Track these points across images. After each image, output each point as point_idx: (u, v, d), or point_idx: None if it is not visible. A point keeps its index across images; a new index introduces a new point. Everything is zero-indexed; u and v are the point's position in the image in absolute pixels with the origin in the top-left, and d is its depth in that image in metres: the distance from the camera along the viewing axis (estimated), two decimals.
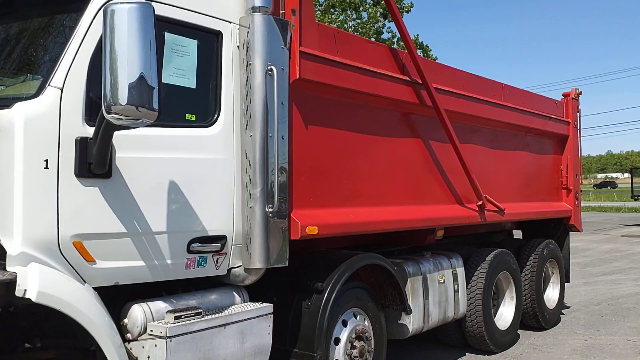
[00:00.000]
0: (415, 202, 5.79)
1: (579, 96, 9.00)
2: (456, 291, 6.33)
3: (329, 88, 4.71)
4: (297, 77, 4.32)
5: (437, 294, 5.99)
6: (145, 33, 3.12)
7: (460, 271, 6.45)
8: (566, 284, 8.96)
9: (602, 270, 13.92)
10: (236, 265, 4.17)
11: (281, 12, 4.30)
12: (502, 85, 7.32)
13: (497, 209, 6.87)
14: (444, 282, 6.13)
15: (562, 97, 8.95)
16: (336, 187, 4.87)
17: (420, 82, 5.61)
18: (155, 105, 3.14)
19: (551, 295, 8.48)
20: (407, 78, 5.56)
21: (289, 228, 4.29)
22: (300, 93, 4.43)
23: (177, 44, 3.89)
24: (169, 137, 3.81)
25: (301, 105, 4.47)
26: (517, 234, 9.32)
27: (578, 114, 8.95)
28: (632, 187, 30.50)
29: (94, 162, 3.40)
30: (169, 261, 3.78)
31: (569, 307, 9.49)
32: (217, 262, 4.05)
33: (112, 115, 3.12)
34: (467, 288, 6.57)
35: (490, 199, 6.66)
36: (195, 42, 3.99)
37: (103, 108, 3.12)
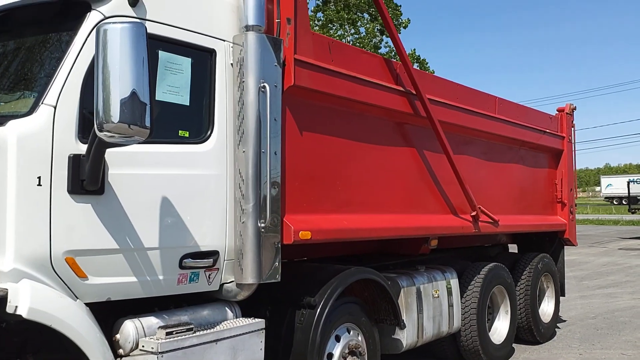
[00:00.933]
0: (409, 211, 5.84)
1: (573, 111, 9.08)
2: (450, 305, 6.35)
3: (323, 96, 4.76)
4: (292, 84, 4.37)
5: (431, 309, 6.00)
6: (137, 52, 3.16)
7: (455, 285, 6.47)
8: (562, 298, 8.97)
9: (598, 284, 13.92)
10: (228, 281, 4.18)
11: (276, 20, 4.36)
12: (496, 98, 7.39)
13: (491, 220, 6.91)
14: (438, 297, 6.14)
15: (557, 112, 9.02)
16: (330, 194, 4.90)
17: (414, 92, 5.68)
18: (147, 123, 3.18)
19: (546, 309, 8.50)
20: (401, 88, 5.63)
21: (282, 233, 4.30)
22: (294, 100, 4.48)
23: (170, 62, 3.94)
24: (162, 153, 3.85)
25: (296, 112, 4.52)
26: (512, 248, 9.35)
27: (572, 129, 9.02)
28: (629, 200, 30.53)
29: (87, 179, 3.43)
30: (161, 277, 3.80)
31: (564, 321, 9.49)
32: (209, 277, 4.07)
33: (105, 132, 3.15)
34: (461, 302, 6.58)
35: (484, 209, 6.70)
36: (189, 60, 4.04)
37: (95, 126, 3.16)
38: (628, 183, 33.55)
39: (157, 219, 3.76)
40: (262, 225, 4.10)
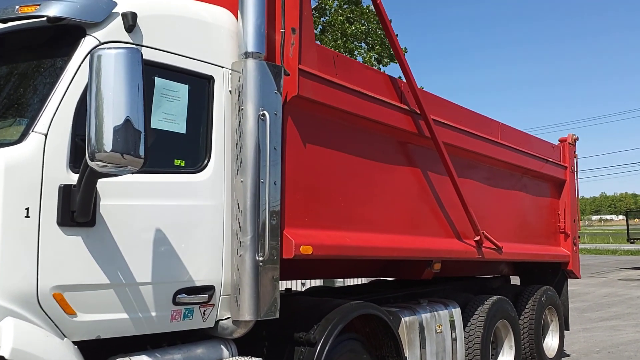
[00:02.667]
0: (412, 233, 5.69)
1: (575, 142, 8.99)
2: (454, 340, 6.14)
3: (327, 109, 4.65)
4: (296, 94, 4.26)
5: (434, 344, 5.80)
6: (132, 79, 3.04)
7: (458, 319, 6.27)
8: (565, 332, 8.76)
9: (600, 316, 13.69)
10: (224, 317, 3.99)
11: (281, 30, 4.26)
12: (499, 124, 7.30)
13: (494, 247, 6.76)
14: (441, 332, 5.94)
15: (559, 142, 8.93)
16: (332, 209, 4.74)
17: (419, 112, 5.59)
18: (141, 153, 3.03)
19: (551, 343, 8.29)
20: (406, 107, 5.53)
21: (282, 247, 4.13)
22: (298, 111, 4.36)
23: (167, 89, 3.81)
24: (157, 183, 3.69)
25: (299, 123, 4.39)
26: (514, 280, 9.16)
27: (575, 159, 8.93)
28: (627, 229, 30.37)
29: (77, 210, 3.26)
30: (153, 313, 3.61)
31: (568, 355, 9.27)
32: (204, 313, 3.88)
33: (97, 162, 3.01)
34: (464, 337, 6.38)
35: (487, 235, 6.56)
36: (186, 86, 3.91)
37: (87, 155, 3.01)
38: (626, 212, 33.40)
39: (150, 252, 3.59)
40: (261, 258, 3.92)
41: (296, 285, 14.34)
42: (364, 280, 15.16)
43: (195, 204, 3.87)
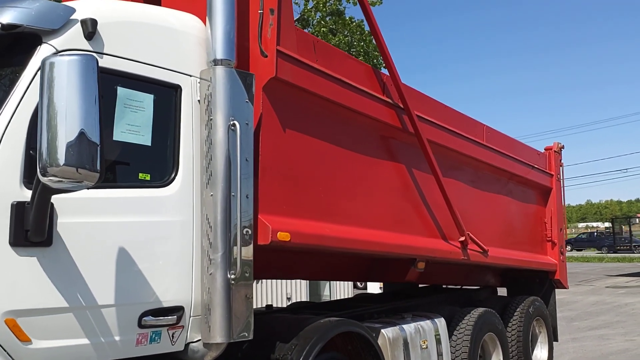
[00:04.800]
0: (396, 229, 5.52)
1: (561, 150, 8.90)
2: (440, 355, 5.94)
3: (308, 95, 4.47)
4: (274, 76, 4.08)
5: None
6: (87, 87, 2.83)
7: (444, 333, 6.08)
8: (554, 343, 8.59)
9: (589, 325, 13.57)
10: (195, 340, 3.77)
11: (259, 11, 4.10)
12: (485, 126, 7.17)
13: (480, 250, 6.60)
14: (426, 347, 5.74)
15: (545, 150, 8.84)
16: (313, 200, 4.55)
17: (402, 106, 5.44)
18: (98, 166, 2.82)
19: (539, 355, 8.11)
20: (389, 100, 5.38)
21: (256, 233, 3.91)
22: (276, 94, 4.19)
23: (131, 99, 3.61)
24: (120, 199, 3.48)
25: (277, 107, 4.21)
26: (501, 292, 9.00)
27: (561, 167, 8.83)
28: (614, 237, 30.42)
29: (31, 229, 3.04)
30: (117, 338, 3.38)
31: None
32: (172, 336, 3.65)
33: (50, 177, 2.80)
34: (451, 352, 6.18)
35: (473, 237, 6.41)
36: (152, 96, 3.71)
37: (38, 170, 2.80)
38: (612, 220, 33.50)
39: (113, 272, 3.36)
40: (233, 277, 3.71)
41: (281, 300, 14.16)
42: (349, 295, 15.04)
43: (162, 220, 3.66)
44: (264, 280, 13.77)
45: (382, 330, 5.26)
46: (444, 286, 8.65)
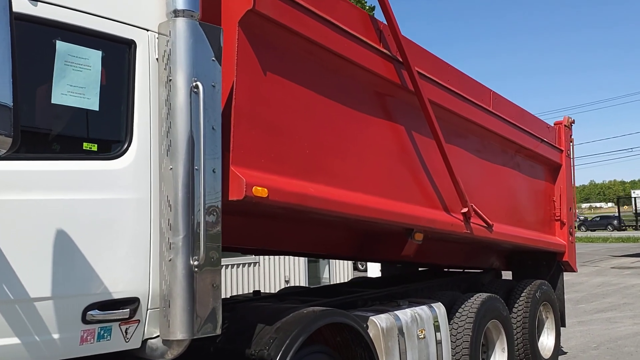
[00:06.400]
0: (390, 196, 4.95)
1: (571, 125, 8.33)
2: (439, 342, 5.44)
3: (291, 35, 3.93)
4: (251, 8, 3.54)
5: (416, 352, 5.10)
6: None
7: (443, 322, 5.57)
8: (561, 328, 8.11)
9: (596, 307, 13.09)
10: (154, 336, 3.26)
11: None
12: (492, 92, 6.56)
13: (484, 224, 6.08)
14: (424, 337, 5.24)
15: (555, 125, 8.27)
16: (296, 155, 4.02)
17: (401, 60, 4.88)
18: (11, 131, 2.29)
19: (546, 342, 7.60)
20: (387, 52, 4.82)
21: (228, 186, 3.41)
22: (254, 30, 3.66)
23: (73, 55, 3.06)
24: (58, 172, 2.94)
25: (256, 45, 3.68)
26: (506, 275, 8.51)
27: (571, 143, 8.27)
28: (619, 217, 29.94)
29: None
30: (56, 336, 2.88)
31: (565, 353, 8.62)
32: (126, 332, 3.15)
33: None
34: (451, 340, 5.70)
35: (476, 209, 5.88)
36: (99, 53, 3.16)
37: None
38: (617, 199, 33.00)
39: (49, 260, 2.84)
40: (196, 263, 3.19)
41: (279, 284, 13.70)
42: (349, 277, 14.59)
43: (112, 198, 3.12)
44: (261, 263, 13.33)
45: (375, 319, 4.76)
46: (445, 270, 8.17)
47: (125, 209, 3.16)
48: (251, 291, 11.76)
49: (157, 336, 3.26)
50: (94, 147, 3.12)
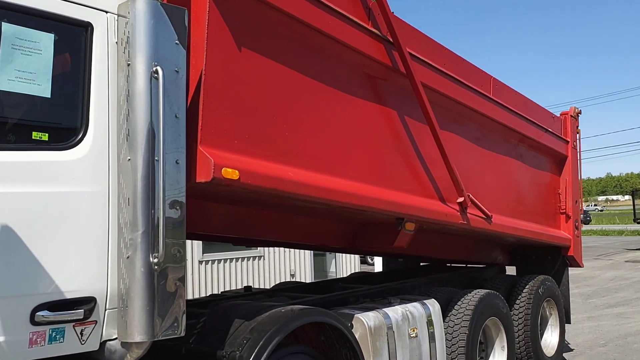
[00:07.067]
0: (378, 183, 4.70)
1: (578, 115, 8.02)
2: (432, 340, 5.21)
3: (269, 10, 3.70)
4: None
5: (407, 351, 4.87)
6: None
7: (437, 320, 5.34)
8: (566, 325, 7.84)
9: (606, 302, 12.78)
10: (112, 337, 3.07)
11: None
12: (492, 78, 6.28)
13: (483, 215, 5.82)
14: (416, 336, 5.01)
15: (560, 115, 7.96)
16: (274, 137, 3.77)
17: (392, 41, 4.65)
18: None
19: (549, 340, 7.35)
20: (376, 31, 4.58)
21: (194, 168, 3.20)
22: (227, 3, 3.43)
23: (21, 38, 2.85)
24: (3, 164, 2.75)
25: (229, 19, 3.45)
26: (510, 271, 8.25)
27: (578, 134, 7.96)
28: (634, 209, 29.39)
29: None
30: (1, 338, 2.69)
31: (571, 350, 8.36)
32: (81, 334, 2.95)
33: None
34: (447, 339, 5.46)
35: (473, 198, 5.62)
36: (52, 36, 2.96)
37: None
38: (633, 192, 32.42)
39: None
40: (155, 260, 2.99)
41: (284, 277, 13.52)
42: (356, 271, 14.37)
43: (65, 191, 2.92)
44: (266, 256, 13.16)
45: (362, 318, 4.54)
46: (447, 265, 7.92)
47: (79, 202, 2.96)
48: (256, 286, 11.63)
49: (116, 338, 3.07)
50: (45, 137, 2.92)
